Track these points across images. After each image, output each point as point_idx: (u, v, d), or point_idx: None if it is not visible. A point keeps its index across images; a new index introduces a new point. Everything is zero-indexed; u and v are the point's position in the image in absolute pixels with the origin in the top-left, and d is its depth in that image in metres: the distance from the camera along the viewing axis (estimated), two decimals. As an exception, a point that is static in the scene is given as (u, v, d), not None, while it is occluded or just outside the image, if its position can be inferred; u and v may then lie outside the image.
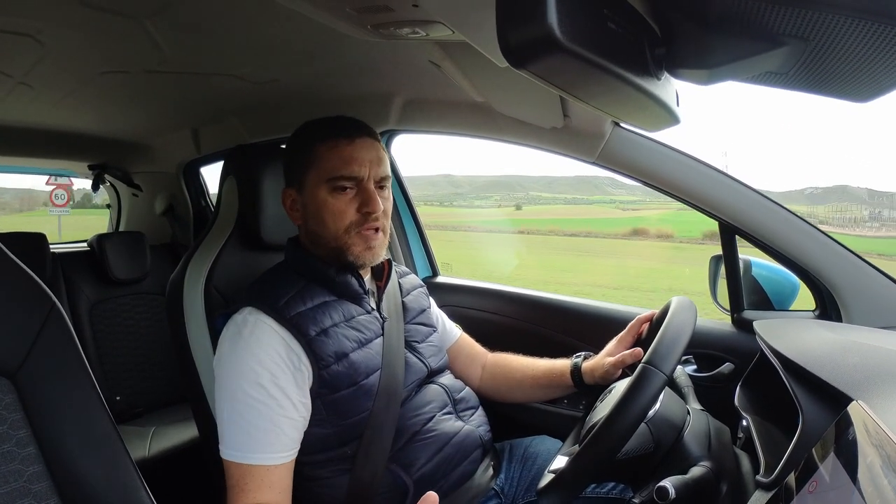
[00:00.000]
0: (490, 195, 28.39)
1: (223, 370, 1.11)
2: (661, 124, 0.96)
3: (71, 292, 2.40)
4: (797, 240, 1.35)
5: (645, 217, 20.70)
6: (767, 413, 1.11)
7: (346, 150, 1.18)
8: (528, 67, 0.59)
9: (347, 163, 1.17)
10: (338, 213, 1.18)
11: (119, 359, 2.44)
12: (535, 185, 30.42)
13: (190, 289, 1.31)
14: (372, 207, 1.17)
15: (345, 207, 1.18)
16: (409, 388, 1.25)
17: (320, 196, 1.18)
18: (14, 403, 0.89)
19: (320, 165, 1.18)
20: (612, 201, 24.39)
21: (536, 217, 23.04)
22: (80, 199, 10.74)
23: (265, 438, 1.07)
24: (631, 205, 22.74)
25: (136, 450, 2.05)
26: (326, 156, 1.18)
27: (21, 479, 0.86)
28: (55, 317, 0.95)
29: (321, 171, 1.18)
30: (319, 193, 1.18)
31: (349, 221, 1.18)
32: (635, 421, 0.92)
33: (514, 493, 1.30)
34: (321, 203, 1.18)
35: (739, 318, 1.47)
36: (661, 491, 0.87)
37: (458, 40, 0.99)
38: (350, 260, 1.20)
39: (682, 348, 0.97)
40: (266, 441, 1.07)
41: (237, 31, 1.28)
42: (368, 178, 1.18)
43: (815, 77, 0.70)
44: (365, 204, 1.17)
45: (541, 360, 1.47)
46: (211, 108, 1.97)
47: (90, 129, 2.32)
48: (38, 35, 1.26)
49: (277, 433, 1.08)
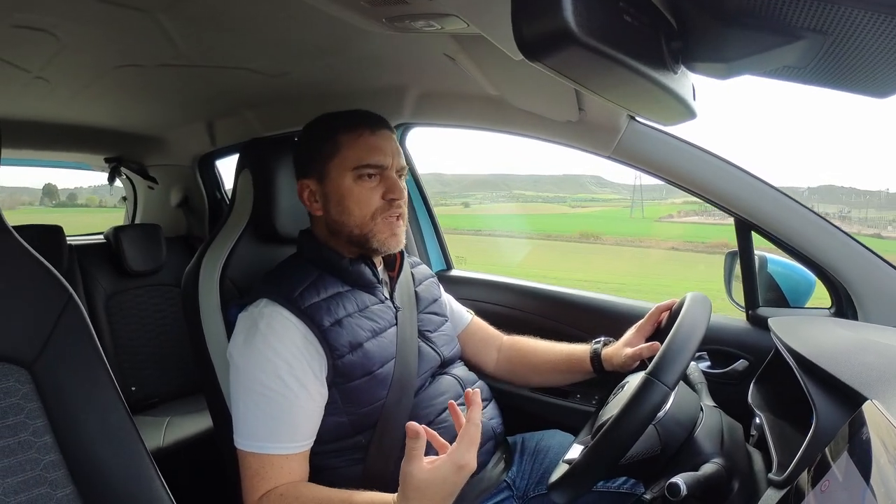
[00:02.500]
0: (474, 193, 28.71)
1: (239, 362, 1.12)
2: (677, 118, 0.95)
3: (87, 284, 2.42)
4: (813, 236, 1.33)
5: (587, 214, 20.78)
6: (781, 411, 1.10)
7: (371, 140, 1.20)
8: (543, 60, 0.59)
9: (372, 152, 1.19)
10: (363, 200, 1.20)
11: (135, 350, 2.47)
12: (521, 184, 30.84)
13: (205, 280, 1.32)
14: (397, 194, 1.20)
15: (370, 194, 1.20)
16: (423, 377, 1.25)
17: (345, 184, 1.20)
18: (31, 393, 0.90)
19: (345, 154, 1.20)
20: (564, 199, 24.75)
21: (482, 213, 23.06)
22: (66, 198, 10.93)
23: (283, 428, 1.08)
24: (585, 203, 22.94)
25: (151, 439, 2.08)
26: (351, 145, 1.20)
27: (38, 468, 0.88)
28: (72, 308, 0.96)
29: (346, 159, 1.19)
30: (344, 182, 1.20)
31: (374, 208, 1.20)
32: (636, 431, 0.92)
33: (525, 486, 1.30)
34: (346, 191, 1.20)
35: (754, 314, 1.46)
36: (673, 487, 0.86)
37: (473, 33, 0.98)
38: (375, 247, 1.22)
39: (688, 357, 0.96)
40: (284, 431, 1.08)
41: (250, 24, 1.28)
42: (391, 168, 1.21)
43: (834, 72, 0.69)
44: (390, 191, 1.20)
45: (559, 344, 1.47)
46: (225, 102, 1.98)
47: (106, 123, 2.34)
48: (54, 30, 1.27)
49: (295, 423, 1.09)
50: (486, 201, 26.62)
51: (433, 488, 0.90)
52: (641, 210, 16.53)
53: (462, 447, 0.91)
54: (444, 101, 1.66)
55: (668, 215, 9.93)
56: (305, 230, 1.31)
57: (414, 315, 1.32)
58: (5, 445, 0.86)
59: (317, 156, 1.23)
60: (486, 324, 1.58)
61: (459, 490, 0.93)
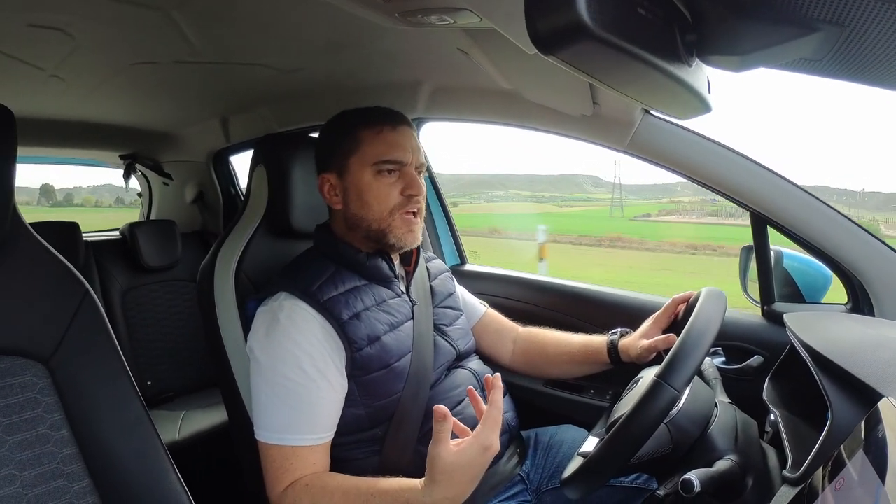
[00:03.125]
0: (469, 193, 28.74)
1: (260, 355, 1.13)
2: (692, 112, 0.94)
3: (104, 280, 2.45)
4: (830, 231, 1.32)
5: (572, 213, 20.67)
6: (796, 407, 1.10)
7: (391, 136, 1.21)
8: (557, 54, 0.59)
9: (393, 148, 1.20)
10: (382, 196, 1.21)
11: (150, 344, 2.49)
12: (518, 183, 30.87)
13: (220, 275, 1.33)
14: (416, 190, 1.21)
15: (389, 190, 1.21)
16: (439, 371, 1.26)
17: (365, 179, 1.21)
18: (48, 388, 0.91)
19: (365, 150, 1.21)
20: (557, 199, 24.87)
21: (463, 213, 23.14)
22: (62, 198, 11.05)
23: (306, 420, 1.09)
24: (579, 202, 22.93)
25: (167, 433, 2.11)
26: (371, 141, 1.21)
27: (55, 461, 0.89)
28: (88, 303, 0.97)
29: (366, 155, 1.20)
30: (364, 177, 1.21)
31: (393, 203, 1.21)
32: (645, 432, 0.92)
33: (538, 479, 1.30)
34: (366, 186, 1.21)
35: (769, 310, 1.44)
36: (686, 484, 0.86)
37: (486, 27, 0.98)
38: (392, 242, 1.23)
39: (699, 359, 0.96)
40: (307, 422, 1.09)
41: (264, 20, 1.28)
42: (411, 164, 1.22)
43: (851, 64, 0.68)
44: (409, 187, 1.21)
45: (575, 335, 1.46)
46: (239, 98, 1.99)
47: (121, 120, 2.36)
48: (68, 28, 1.28)
49: (318, 413, 1.11)
50: (481, 200, 26.74)
51: (460, 470, 0.92)
52: (621, 209, 16.48)
53: (486, 429, 0.93)
54: (457, 96, 1.66)
55: (644, 214, 9.93)
56: (322, 225, 1.32)
57: (429, 309, 1.33)
58: (23, 439, 0.88)
59: (337, 151, 1.24)
60: (501, 315, 1.58)
61: (483, 472, 0.94)
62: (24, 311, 0.92)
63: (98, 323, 0.98)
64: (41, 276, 0.95)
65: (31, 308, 0.93)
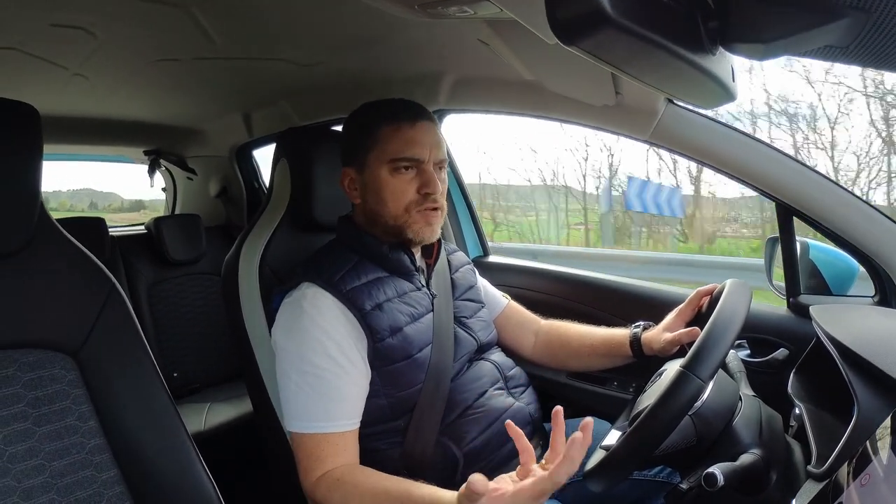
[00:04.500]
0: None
1: (286, 344, 1.15)
2: (716, 101, 0.93)
3: (130, 274, 2.49)
4: (857, 222, 1.30)
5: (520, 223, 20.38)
6: (822, 401, 1.08)
7: (409, 133, 1.21)
8: (578, 44, 0.58)
9: (410, 145, 1.20)
10: (398, 193, 1.21)
11: (176, 337, 2.53)
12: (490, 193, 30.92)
13: (245, 269, 1.35)
14: (432, 189, 1.21)
15: (405, 187, 1.21)
16: (460, 362, 1.27)
17: (382, 176, 1.21)
18: (77, 380, 0.93)
19: (383, 147, 1.21)
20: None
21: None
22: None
23: (337, 406, 1.11)
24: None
25: (192, 424, 2.14)
26: (389, 137, 1.21)
27: (83, 451, 0.91)
28: (115, 297, 0.99)
29: (384, 152, 1.21)
30: (381, 173, 1.21)
31: (409, 201, 1.21)
32: (670, 424, 0.91)
33: None
34: (382, 182, 1.21)
35: (795, 302, 1.42)
36: (710, 478, 0.85)
37: (507, 18, 0.97)
38: (409, 237, 1.23)
39: (724, 351, 0.95)
40: (338, 408, 1.11)
41: (285, 15, 1.29)
42: (428, 161, 1.22)
43: (877, 51, 0.66)
44: (425, 185, 1.21)
45: (598, 328, 1.46)
46: (261, 93, 2.01)
47: (144, 117, 2.39)
48: (91, 27, 1.30)
49: (348, 399, 1.12)
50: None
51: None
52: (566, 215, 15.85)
53: (548, 478, 0.85)
54: (479, 87, 1.66)
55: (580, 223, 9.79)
56: (344, 216, 1.33)
57: (450, 302, 1.33)
58: (52, 430, 0.90)
59: (357, 145, 1.24)
60: (523, 308, 1.58)
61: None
62: (52, 306, 0.94)
63: (125, 316, 1.00)
64: (69, 272, 0.97)
65: (59, 303, 0.95)
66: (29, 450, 0.88)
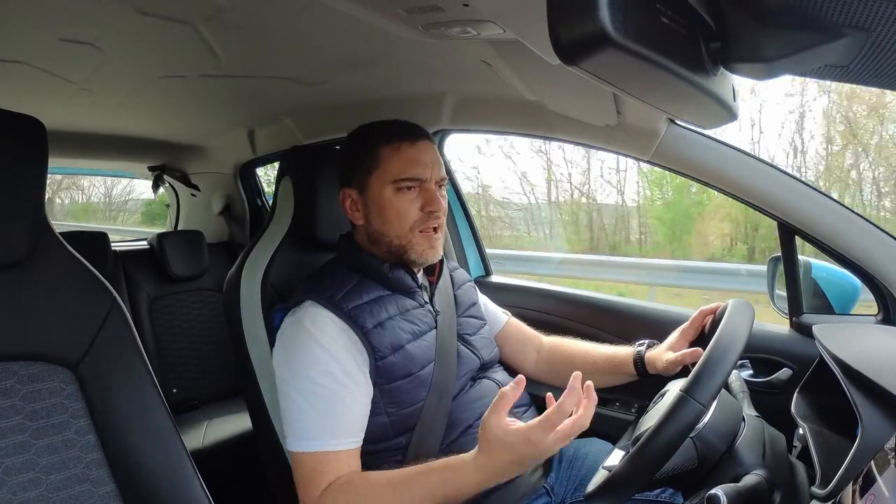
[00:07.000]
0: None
1: (288, 362, 1.15)
2: (717, 121, 0.94)
3: (131, 288, 2.49)
4: (859, 240, 1.29)
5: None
6: (826, 422, 1.07)
7: (410, 152, 1.22)
8: (581, 64, 0.59)
9: (412, 165, 1.21)
10: (403, 212, 1.22)
11: (176, 353, 2.52)
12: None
13: (247, 286, 1.35)
14: (435, 207, 1.22)
15: (409, 206, 1.22)
16: (463, 380, 1.27)
17: (385, 196, 1.22)
18: (76, 393, 0.93)
19: (385, 167, 1.22)
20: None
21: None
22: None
23: (339, 424, 1.10)
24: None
25: (191, 440, 2.13)
26: (391, 158, 1.22)
27: (80, 466, 0.91)
28: (116, 312, 0.99)
29: (386, 172, 1.21)
30: (384, 194, 1.22)
31: (413, 220, 1.22)
32: (670, 448, 0.91)
33: (563, 492, 1.29)
34: (386, 203, 1.22)
35: (798, 321, 1.42)
36: (713, 499, 0.84)
37: (510, 38, 0.98)
38: (413, 258, 1.24)
39: (725, 374, 0.95)
40: (340, 426, 1.10)
41: (290, 34, 1.30)
42: (430, 179, 1.22)
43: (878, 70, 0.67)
44: (428, 203, 1.22)
45: (601, 346, 1.46)
46: (265, 111, 2.02)
47: (149, 132, 2.41)
48: (97, 42, 1.31)
49: (349, 417, 1.12)
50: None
51: (501, 447, 0.95)
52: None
53: (538, 427, 0.93)
54: (482, 107, 1.67)
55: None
56: (345, 235, 1.33)
57: (453, 319, 1.34)
58: (49, 443, 0.90)
59: (358, 167, 1.25)
60: (524, 324, 1.58)
61: (528, 462, 0.98)
62: (53, 319, 0.94)
63: (125, 331, 1.00)
64: (70, 285, 0.98)
65: (59, 315, 0.95)
66: (25, 462, 0.87)
